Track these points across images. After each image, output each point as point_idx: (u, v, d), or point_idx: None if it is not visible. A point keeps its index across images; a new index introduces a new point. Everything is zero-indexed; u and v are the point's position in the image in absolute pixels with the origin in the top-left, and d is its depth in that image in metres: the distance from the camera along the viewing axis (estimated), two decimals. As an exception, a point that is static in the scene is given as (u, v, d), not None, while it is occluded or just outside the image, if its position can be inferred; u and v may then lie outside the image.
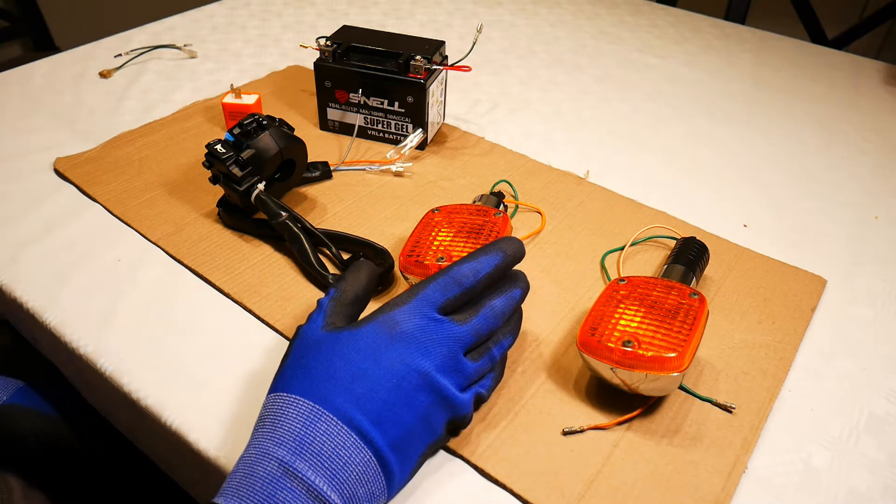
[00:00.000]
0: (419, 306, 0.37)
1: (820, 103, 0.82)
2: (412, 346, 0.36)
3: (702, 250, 0.50)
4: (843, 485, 0.39)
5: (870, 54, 0.97)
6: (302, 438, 0.33)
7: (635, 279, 0.45)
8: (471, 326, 0.38)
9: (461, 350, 0.37)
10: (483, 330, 0.39)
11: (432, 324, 0.37)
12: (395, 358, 0.36)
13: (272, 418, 0.34)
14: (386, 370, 0.35)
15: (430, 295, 0.38)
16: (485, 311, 0.39)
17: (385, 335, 0.36)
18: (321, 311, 0.39)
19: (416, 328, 0.37)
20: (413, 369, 0.36)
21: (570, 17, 1.03)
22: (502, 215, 0.49)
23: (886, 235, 0.60)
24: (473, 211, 0.50)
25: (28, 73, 0.79)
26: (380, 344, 0.36)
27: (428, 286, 0.38)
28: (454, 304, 0.38)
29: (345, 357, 0.36)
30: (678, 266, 0.49)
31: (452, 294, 0.38)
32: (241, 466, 0.33)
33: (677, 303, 0.42)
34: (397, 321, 0.37)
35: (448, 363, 0.37)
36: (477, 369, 0.39)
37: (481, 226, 0.48)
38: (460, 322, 0.38)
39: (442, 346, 0.37)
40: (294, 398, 0.35)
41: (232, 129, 0.53)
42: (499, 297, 0.40)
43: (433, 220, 0.49)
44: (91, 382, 0.48)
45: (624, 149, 0.70)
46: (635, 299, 0.43)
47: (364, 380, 0.35)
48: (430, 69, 0.63)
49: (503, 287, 0.40)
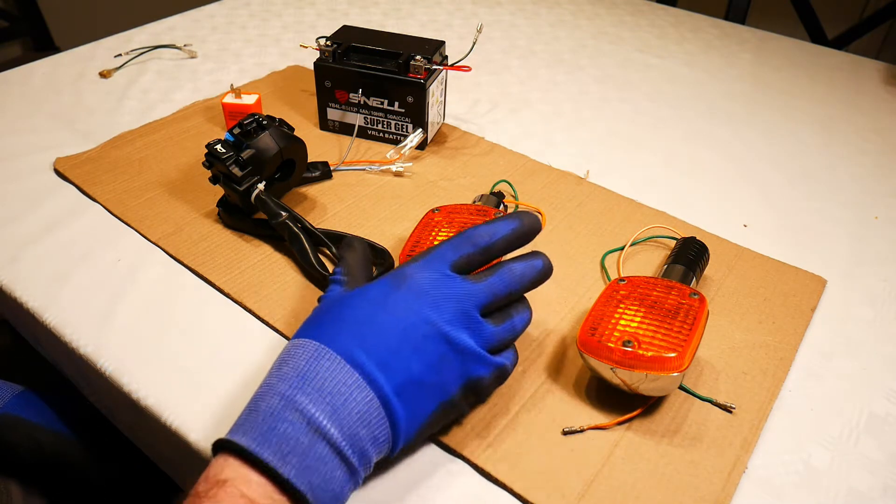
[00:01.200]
0: (430, 262, 0.37)
1: (820, 103, 0.82)
2: (422, 298, 0.36)
3: (702, 250, 0.50)
4: (843, 485, 0.39)
5: (870, 54, 0.97)
6: (305, 374, 0.33)
7: (635, 279, 0.45)
8: (486, 284, 0.37)
9: (475, 308, 0.37)
10: (500, 290, 0.37)
11: (443, 278, 0.36)
12: (404, 306, 0.35)
13: (280, 360, 0.35)
14: (394, 316, 0.35)
15: (442, 252, 0.37)
16: (502, 271, 0.38)
17: (395, 286, 0.36)
18: (337, 281, 0.40)
19: (427, 281, 0.36)
20: (423, 318, 0.35)
21: (570, 17, 1.03)
22: (502, 214, 0.49)
23: (886, 235, 0.60)
24: (473, 211, 0.50)
25: (28, 73, 0.79)
26: (389, 293, 0.36)
27: (441, 245, 0.38)
28: (468, 264, 0.38)
29: (354, 305, 0.36)
30: (678, 266, 0.49)
31: (466, 252, 0.37)
32: (249, 404, 0.34)
33: (677, 303, 0.42)
34: (408, 274, 0.37)
35: (460, 318, 0.36)
36: (496, 333, 0.37)
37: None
38: (474, 280, 0.37)
39: (453, 300, 0.36)
40: (302, 341, 0.35)
41: (232, 129, 0.53)
42: (519, 261, 0.39)
43: (433, 220, 0.49)
44: (91, 382, 0.48)
45: (624, 149, 0.70)
46: (635, 299, 0.43)
47: (371, 324, 0.35)
48: (430, 69, 0.63)
49: (524, 256, 0.39)
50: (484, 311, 0.37)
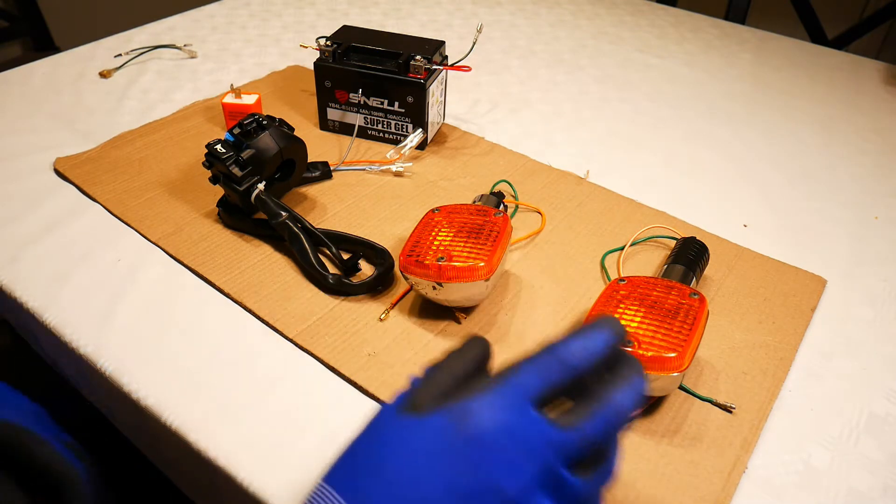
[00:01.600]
0: (503, 395, 0.27)
1: (820, 103, 0.82)
2: (489, 455, 0.26)
3: (702, 250, 0.50)
4: (843, 485, 0.39)
5: (870, 54, 0.97)
6: None
7: (635, 279, 0.45)
8: (579, 431, 0.27)
9: (563, 463, 0.27)
10: (598, 437, 0.27)
11: (523, 421, 0.27)
12: (462, 467, 0.26)
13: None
14: (447, 483, 0.26)
15: (523, 380, 0.27)
16: (600, 412, 0.28)
17: (452, 430, 0.27)
18: (411, 386, 0.30)
19: (497, 428, 0.26)
20: (488, 487, 0.26)
21: (570, 17, 1.03)
22: (502, 215, 0.49)
23: (886, 235, 0.60)
24: (473, 211, 0.50)
25: (28, 73, 0.79)
26: (443, 441, 0.26)
27: (521, 367, 0.28)
28: (554, 394, 0.28)
29: (397, 449, 0.27)
30: (678, 266, 0.49)
31: (554, 379, 0.28)
32: None
33: (677, 303, 0.42)
34: (472, 412, 0.27)
35: (541, 480, 0.26)
36: (588, 488, 0.28)
37: (481, 226, 0.48)
38: (565, 424, 0.27)
39: (533, 457, 0.26)
40: (329, 492, 0.27)
41: (232, 129, 0.53)
42: (620, 387, 0.28)
43: (433, 219, 0.49)
44: (91, 382, 0.48)
45: (624, 149, 0.70)
46: (635, 299, 0.43)
47: (415, 488, 0.26)
48: (430, 69, 0.63)
49: (620, 372, 0.29)
50: (573, 463, 0.27)
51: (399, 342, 0.46)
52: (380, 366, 0.44)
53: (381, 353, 0.45)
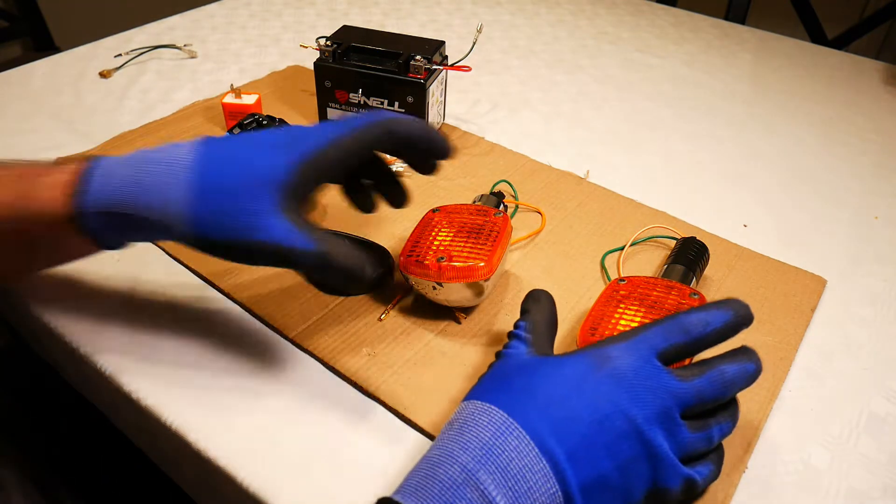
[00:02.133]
0: (636, 346, 0.34)
1: (820, 103, 0.82)
2: (622, 386, 0.32)
3: (702, 250, 0.50)
4: (843, 485, 0.39)
5: (870, 54, 0.97)
6: (489, 447, 0.31)
7: (635, 279, 0.45)
8: (693, 385, 0.33)
9: (677, 409, 0.33)
10: (707, 395, 0.33)
11: (649, 368, 0.33)
12: (602, 394, 0.32)
13: (461, 422, 0.33)
14: (589, 404, 0.32)
15: (650, 337, 0.34)
16: (712, 374, 0.34)
17: (593, 367, 0.33)
18: (521, 338, 0.37)
19: (630, 368, 0.33)
20: (620, 411, 0.32)
21: (570, 17, 1.03)
22: (502, 215, 0.49)
23: (886, 235, 0.60)
24: (473, 211, 0.50)
25: (28, 73, 0.79)
26: (586, 375, 0.33)
27: (649, 328, 0.34)
28: (676, 355, 0.34)
29: (547, 378, 0.33)
30: (678, 266, 0.49)
31: (677, 342, 0.34)
32: (424, 465, 0.32)
33: (677, 303, 0.42)
34: (609, 356, 0.33)
35: (660, 418, 0.32)
36: (692, 442, 0.33)
37: (481, 226, 0.48)
38: (681, 377, 0.33)
39: (656, 396, 0.32)
40: (487, 406, 0.33)
41: (232, 129, 0.53)
42: (731, 362, 0.34)
43: (433, 219, 0.49)
44: (91, 382, 0.48)
45: (624, 149, 0.70)
46: (635, 299, 0.43)
47: (563, 407, 0.32)
48: (430, 69, 0.63)
49: (735, 355, 0.35)
50: (685, 414, 0.33)
51: (399, 342, 0.46)
52: (380, 366, 0.44)
53: (381, 353, 0.45)
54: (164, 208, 0.37)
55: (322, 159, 0.38)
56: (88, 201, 0.38)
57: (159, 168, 0.38)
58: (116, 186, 0.38)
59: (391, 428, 0.41)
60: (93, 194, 0.38)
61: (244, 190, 0.37)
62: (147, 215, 0.37)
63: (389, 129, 0.40)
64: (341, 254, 0.39)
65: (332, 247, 0.38)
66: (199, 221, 0.37)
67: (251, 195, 0.37)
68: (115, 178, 0.38)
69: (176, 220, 0.37)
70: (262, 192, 0.37)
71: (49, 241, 0.42)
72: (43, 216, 0.38)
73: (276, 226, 0.37)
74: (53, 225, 0.39)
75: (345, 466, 0.39)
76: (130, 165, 0.38)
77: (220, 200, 0.37)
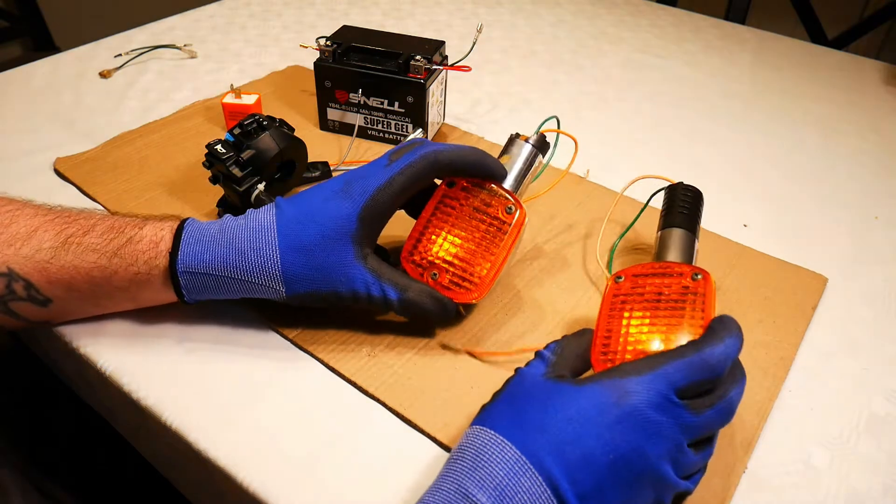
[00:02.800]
0: (656, 382, 0.33)
1: (820, 103, 0.82)
2: (639, 426, 0.32)
3: (696, 199, 0.47)
4: (843, 485, 0.39)
5: (870, 54, 0.97)
6: (503, 490, 0.31)
7: (630, 271, 0.42)
8: (705, 419, 0.34)
9: (686, 440, 0.33)
10: (715, 425, 0.35)
11: (666, 405, 0.33)
12: (618, 433, 0.32)
13: (474, 454, 0.33)
14: (605, 444, 0.32)
15: (671, 373, 0.33)
16: (721, 406, 0.34)
17: (611, 402, 0.33)
18: (543, 359, 0.37)
19: (649, 406, 0.33)
20: (636, 450, 0.32)
21: (570, 17, 1.03)
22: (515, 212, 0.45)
23: (886, 235, 0.60)
24: (481, 204, 0.46)
25: (28, 73, 0.79)
26: (603, 410, 0.32)
27: (671, 362, 0.34)
28: (693, 391, 0.34)
29: (562, 411, 0.33)
30: (675, 230, 0.46)
31: (699, 379, 0.34)
32: (437, 499, 0.32)
33: (680, 290, 0.40)
34: (628, 391, 0.33)
35: (672, 452, 0.33)
36: (696, 463, 0.35)
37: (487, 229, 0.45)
38: (695, 411, 0.33)
39: (672, 434, 0.33)
40: (501, 440, 0.32)
41: (232, 129, 0.53)
42: (735, 388, 0.35)
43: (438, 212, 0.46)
44: (91, 383, 0.48)
45: (624, 149, 0.70)
46: (638, 300, 0.40)
47: (578, 446, 0.32)
48: (430, 69, 0.63)
49: (735, 376, 0.36)
50: (692, 443, 0.34)
51: (399, 342, 0.46)
52: (380, 366, 0.44)
53: (381, 353, 0.45)
54: (262, 270, 0.42)
55: (378, 202, 0.42)
56: (186, 261, 0.42)
57: (249, 234, 0.42)
58: (212, 250, 0.42)
59: (391, 428, 0.41)
60: (191, 256, 0.42)
61: (322, 245, 0.41)
62: (245, 277, 0.42)
63: (434, 161, 0.43)
64: (422, 299, 0.43)
65: (412, 294, 0.43)
66: (289, 279, 0.42)
67: (330, 248, 0.41)
68: (210, 243, 0.42)
69: (271, 280, 0.42)
70: (338, 245, 0.42)
71: (132, 293, 0.44)
72: (138, 273, 0.42)
73: (356, 278, 0.42)
74: (145, 280, 0.43)
75: (345, 467, 0.39)
76: (221, 231, 0.43)
77: (304, 258, 0.41)
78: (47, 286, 0.42)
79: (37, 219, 0.43)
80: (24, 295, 0.42)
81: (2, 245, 0.42)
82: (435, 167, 0.43)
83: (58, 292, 0.43)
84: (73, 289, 0.43)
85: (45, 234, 0.43)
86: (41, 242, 0.42)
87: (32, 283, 0.42)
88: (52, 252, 0.42)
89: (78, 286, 0.43)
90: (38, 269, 0.42)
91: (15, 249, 0.42)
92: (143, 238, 0.43)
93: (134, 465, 0.57)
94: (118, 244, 0.42)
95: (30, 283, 0.42)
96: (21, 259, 0.42)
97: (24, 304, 0.43)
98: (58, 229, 0.43)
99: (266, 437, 0.40)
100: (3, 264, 0.42)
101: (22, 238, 0.42)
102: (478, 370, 0.45)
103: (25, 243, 0.42)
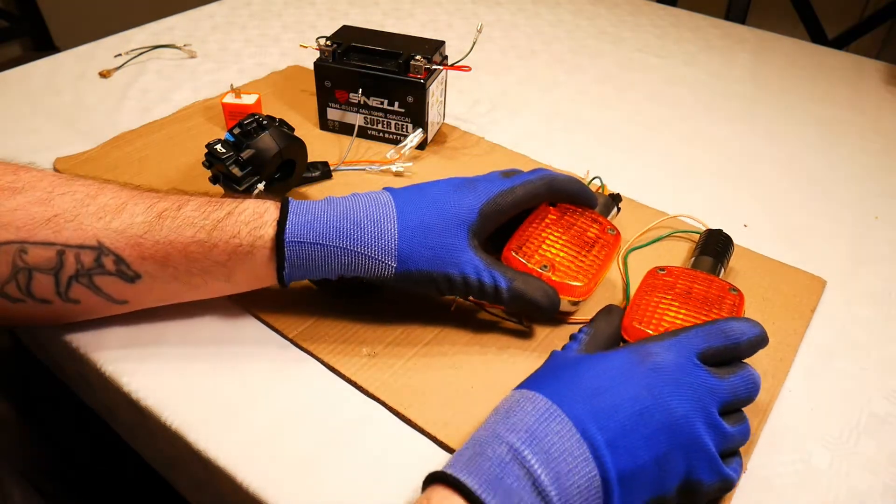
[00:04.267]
0: (677, 345, 0.36)
1: (820, 103, 0.82)
2: (663, 380, 0.34)
3: (727, 243, 0.51)
4: (843, 485, 0.39)
5: (870, 54, 0.97)
6: (534, 431, 0.33)
7: (674, 269, 0.46)
8: (729, 383, 0.35)
9: (714, 405, 0.35)
10: (741, 394, 0.36)
11: (689, 365, 0.35)
12: (643, 386, 0.34)
13: (508, 408, 0.35)
14: (631, 394, 0.34)
15: (690, 338, 0.36)
16: (744, 374, 0.36)
17: (636, 361, 0.35)
18: (578, 339, 0.40)
19: (671, 363, 0.35)
20: (661, 403, 0.34)
21: (570, 17, 1.03)
22: (615, 233, 0.48)
23: (886, 235, 0.60)
24: (589, 219, 0.49)
25: (28, 73, 0.79)
26: (629, 367, 0.35)
27: (689, 330, 0.37)
28: (713, 356, 0.36)
29: (592, 371, 0.35)
30: (706, 258, 0.50)
31: (716, 344, 0.36)
32: (472, 445, 0.33)
33: (718, 296, 0.43)
34: (651, 352, 0.36)
35: (701, 413, 0.34)
36: (734, 435, 0.35)
37: (594, 241, 0.47)
38: (718, 375, 0.35)
39: (696, 391, 0.34)
40: (533, 394, 0.35)
41: (232, 129, 0.53)
42: (752, 367, 0.37)
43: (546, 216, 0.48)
44: (91, 383, 0.48)
45: (624, 149, 0.70)
46: (679, 291, 0.44)
47: (606, 396, 0.34)
48: (430, 69, 0.63)
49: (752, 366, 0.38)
50: (721, 411, 0.35)
51: (399, 342, 0.46)
52: (380, 366, 0.44)
53: (382, 353, 0.45)
54: (377, 241, 0.42)
55: (498, 203, 0.44)
56: (294, 230, 0.41)
57: (366, 207, 0.42)
58: (324, 221, 0.42)
59: (391, 428, 0.41)
60: (299, 225, 0.41)
61: (441, 227, 0.42)
62: (358, 249, 0.42)
63: (551, 184, 0.46)
64: (531, 289, 0.43)
65: (522, 283, 0.43)
66: (404, 256, 0.42)
67: (448, 232, 0.42)
68: (321, 215, 0.42)
69: (385, 254, 0.42)
70: (456, 230, 0.42)
71: (229, 269, 0.42)
72: (240, 245, 0.41)
73: (468, 261, 0.42)
74: (246, 253, 0.41)
75: (345, 466, 0.39)
76: (330, 203, 0.43)
77: (421, 236, 0.42)
78: (139, 262, 0.40)
79: (124, 192, 0.42)
80: (113, 269, 0.40)
81: (91, 217, 0.40)
82: (550, 188, 0.46)
83: (150, 268, 0.41)
84: (168, 265, 0.41)
85: (135, 206, 0.41)
86: (133, 217, 0.40)
87: (123, 259, 0.40)
88: (146, 227, 0.40)
89: (174, 262, 0.41)
90: (132, 245, 0.40)
91: (105, 223, 0.40)
92: (246, 210, 0.41)
93: (133, 466, 0.57)
94: (217, 217, 0.41)
95: (121, 257, 0.40)
96: (112, 233, 0.40)
97: (110, 278, 0.41)
98: (149, 203, 0.41)
99: (266, 436, 0.40)
100: (92, 237, 0.39)
101: (112, 211, 0.40)
102: (478, 370, 0.45)
103: (116, 216, 0.40)
